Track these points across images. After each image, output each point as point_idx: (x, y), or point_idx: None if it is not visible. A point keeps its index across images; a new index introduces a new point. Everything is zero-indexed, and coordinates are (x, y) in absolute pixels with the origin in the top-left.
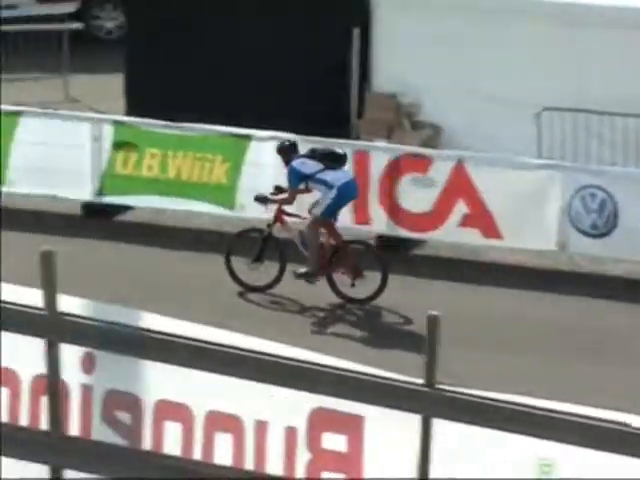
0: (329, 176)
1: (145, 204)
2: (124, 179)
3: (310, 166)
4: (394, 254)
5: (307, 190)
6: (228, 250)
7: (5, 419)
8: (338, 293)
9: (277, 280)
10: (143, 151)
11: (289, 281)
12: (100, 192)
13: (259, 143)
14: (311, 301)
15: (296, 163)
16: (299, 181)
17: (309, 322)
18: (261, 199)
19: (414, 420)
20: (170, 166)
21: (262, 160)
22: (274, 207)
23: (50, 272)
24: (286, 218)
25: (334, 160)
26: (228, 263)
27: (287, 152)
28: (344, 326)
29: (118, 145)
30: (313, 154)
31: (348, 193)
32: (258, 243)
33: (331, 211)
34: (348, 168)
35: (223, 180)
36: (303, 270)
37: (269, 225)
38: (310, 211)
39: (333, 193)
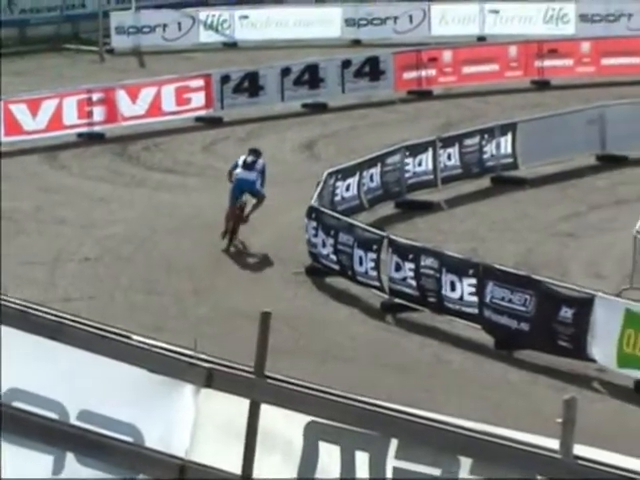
0: (237, 171)
1: None
2: None
3: (240, 160)
4: None
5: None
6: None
7: None
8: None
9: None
10: None
11: None
12: None
13: None
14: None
15: (240, 157)
16: (234, 167)
17: None
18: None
19: None
20: None
21: None
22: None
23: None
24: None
25: (248, 163)
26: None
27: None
28: None
29: None
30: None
31: (238, 186)
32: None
33: (231, 198)
34: None
35: None
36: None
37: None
38: None
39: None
